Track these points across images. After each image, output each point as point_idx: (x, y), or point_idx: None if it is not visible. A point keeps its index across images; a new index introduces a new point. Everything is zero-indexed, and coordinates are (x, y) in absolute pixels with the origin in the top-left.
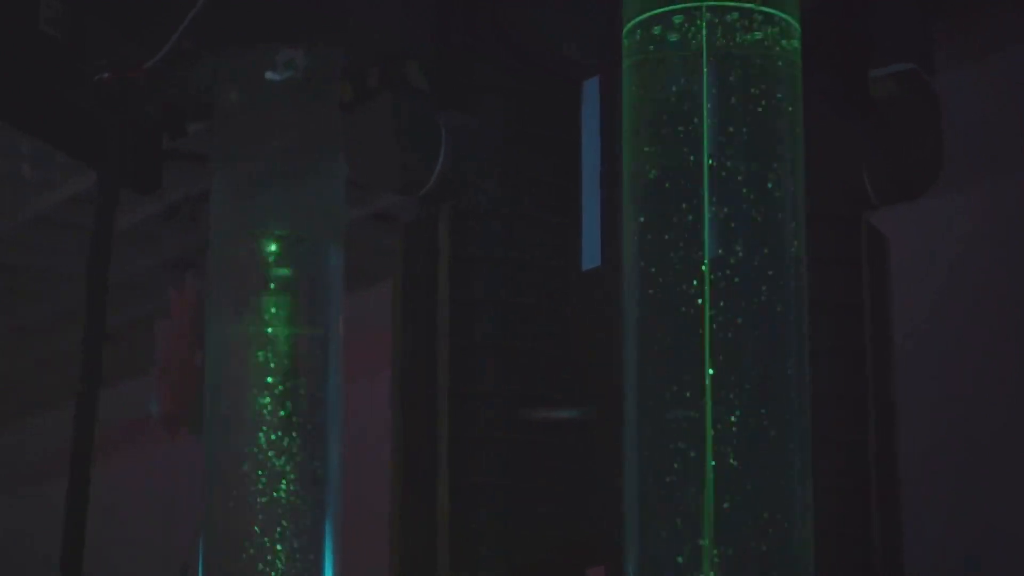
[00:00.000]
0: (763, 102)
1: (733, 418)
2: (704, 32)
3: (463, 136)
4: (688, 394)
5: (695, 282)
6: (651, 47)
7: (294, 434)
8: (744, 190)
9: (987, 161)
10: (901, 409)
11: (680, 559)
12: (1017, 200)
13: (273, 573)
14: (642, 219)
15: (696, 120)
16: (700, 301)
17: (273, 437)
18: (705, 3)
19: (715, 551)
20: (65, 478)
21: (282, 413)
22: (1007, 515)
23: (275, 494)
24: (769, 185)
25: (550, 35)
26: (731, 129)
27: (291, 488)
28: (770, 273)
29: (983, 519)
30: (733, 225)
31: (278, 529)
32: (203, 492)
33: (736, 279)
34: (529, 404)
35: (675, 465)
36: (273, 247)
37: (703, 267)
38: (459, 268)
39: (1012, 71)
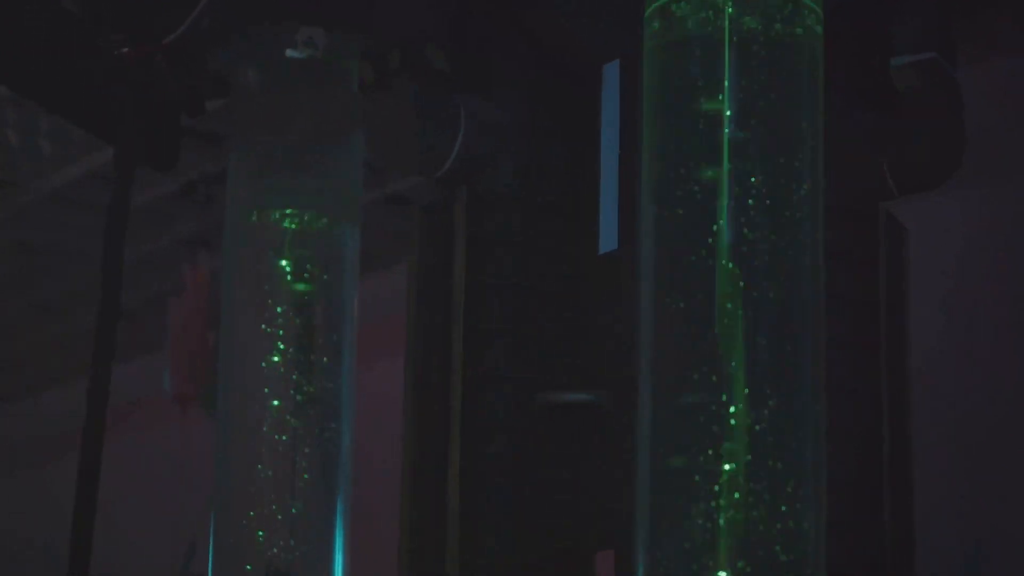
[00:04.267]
0: (785, 88)
1: (747, 406)
2: (727, 17)
3: (481, 118)
4: (702, 380)
5: (712, 267)
6: (672, 31)
7: (306, 415)
8: (763, 176)
9: (1008, 153)
10: (915, 404)
11: (689, 544)
12: None
13: (283, 551)
14: (660, 203)
15: (716, 105)
16: (716, 287)
17: (285, 418)
18: None
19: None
20: (74, 452)
21: (295, 394)
22: (1012, 515)
23: (286, 474)
24: (789, 172)
25: (569, 18)
26: (751, 114)
27: (302, 469)
28: (788, 261)
29: (988, 517)
30: (752, 211)
31: (288, 508)
32: (214, 471)
33: (753, 266)
34: (543, 388)
35: (688, 450)
36: (289, 227)
37: (720, 253)
38: (475, 251)
39: None
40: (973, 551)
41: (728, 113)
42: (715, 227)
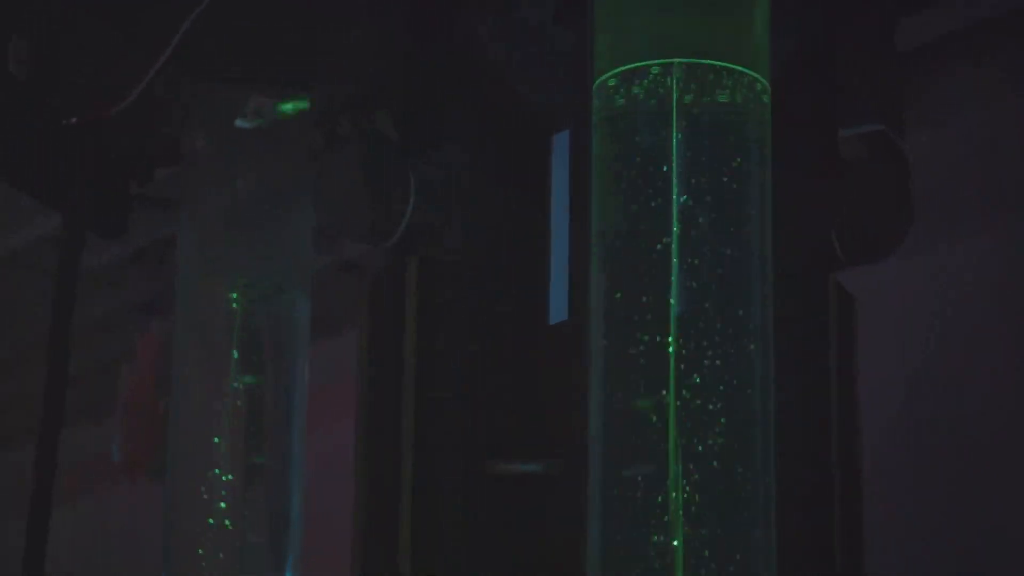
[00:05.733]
0: (733, 159)
1: (697, 478)
2: (674, 88)
3: (432, 186)
4: (650, 451)
5: (661, 338)
6: (620, 102)
7: (256, 482)
8: (712, 246)
9: (956, 222)
10: (866, 465)
11: None
12: (985, 261)
13: None
14: (609, 274)
15: (664, 176)
16: (666, 358)
17: (235, 485)
18: (676, 60)
19: None
20: (21, 520)
21: (244, 461)
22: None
23: (236, 543)
24: (737, 241)
25: (521, 87)
26: (700, 186)
27: (252, 537)
28: (737, 330)
29: None
30: (700, 282)
31: None
32: (163, 539)
33: (703, 336)
34: (494, 457)
35: (639, 522)
36: (239, 295)
37: (669, 325)
38: (425, 319)
39: (982, 132)
40: None
41: (676, 183)
42: (664, 296)
